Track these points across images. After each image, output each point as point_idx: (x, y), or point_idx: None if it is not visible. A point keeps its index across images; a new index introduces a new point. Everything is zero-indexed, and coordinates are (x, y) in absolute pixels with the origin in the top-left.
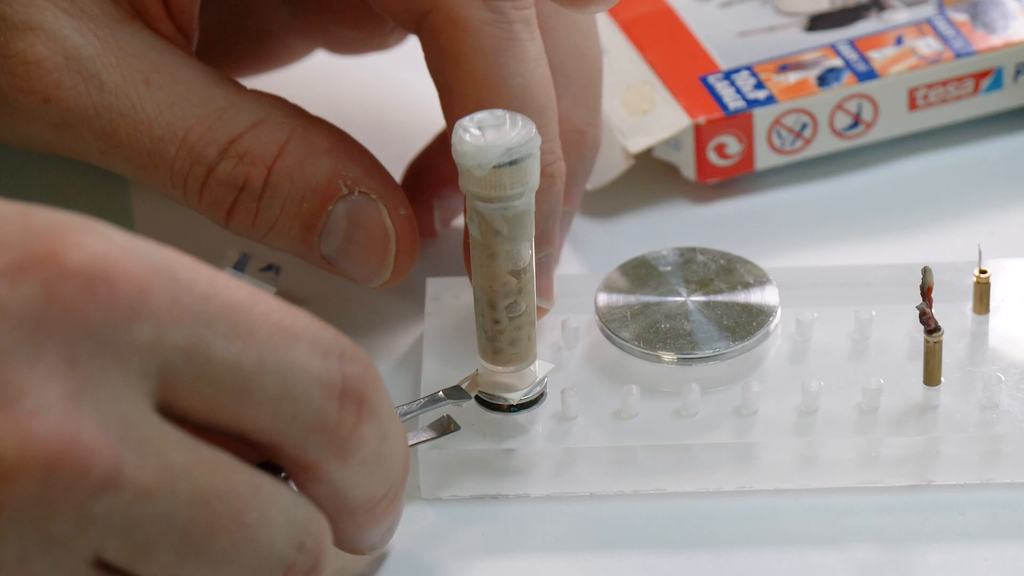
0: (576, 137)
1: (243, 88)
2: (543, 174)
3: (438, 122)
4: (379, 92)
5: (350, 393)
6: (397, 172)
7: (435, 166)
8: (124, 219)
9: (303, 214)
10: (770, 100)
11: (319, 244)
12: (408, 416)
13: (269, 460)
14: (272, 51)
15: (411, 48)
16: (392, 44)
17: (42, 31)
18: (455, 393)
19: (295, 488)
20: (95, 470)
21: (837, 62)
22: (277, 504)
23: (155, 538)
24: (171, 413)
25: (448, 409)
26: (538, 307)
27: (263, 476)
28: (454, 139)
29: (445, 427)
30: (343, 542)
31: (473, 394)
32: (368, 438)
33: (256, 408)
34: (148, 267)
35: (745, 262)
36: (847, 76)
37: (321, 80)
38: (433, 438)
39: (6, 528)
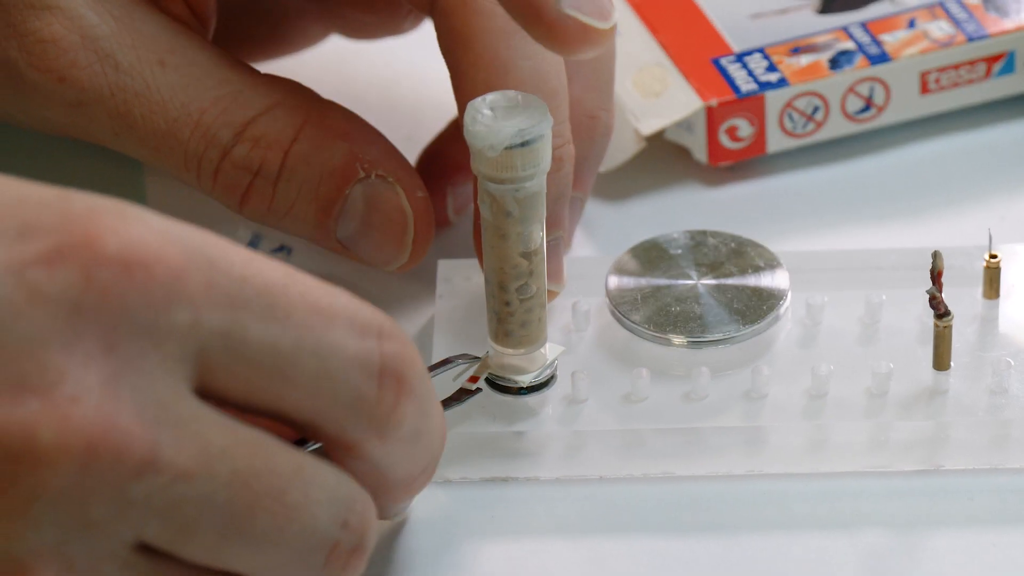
0: (587, 122)
1: (257, 72)
2: (553, 157)
3: (450, 108)
4: (392, 77)
5: (389, 371)
6: (410, 158)
7: (448, 153)
8: (137, 203)
9: (320, 198)
10: (782, 83)
11: (335, 228)
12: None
13: (308, 438)
14: (287, 36)
15: (424, 33)
16: (407, 29)
17: (59, 10)
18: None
19: (336, 465)
20: (132, 453)
21: (849, 45)
22: (319, 483)
23: (196, 519)
24: (210, 395)
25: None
26: (548, 290)
27: (304, 455)
28: (466, 120)
29: (467, 391)
30: (377, 513)
31: (483, 376)
32: (408, 416)
33: (294, 389)
34: (184, 251)
35: (756, 245)
36: (859, 59)
37: (334, 65)
38: (458, 403)
39: (45, 513)
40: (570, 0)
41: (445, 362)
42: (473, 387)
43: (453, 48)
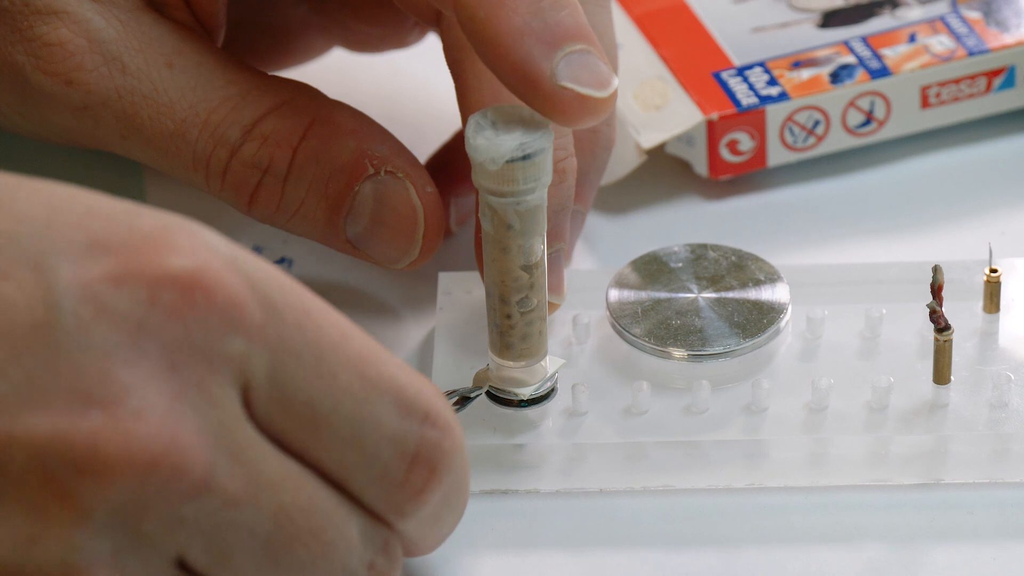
0: (589, 136)
1: (264, 73)
2: (555, 169)
3: (453, 120)
4: (395, 90)
5: (423, 459)
6: None
7: (452, 164)
8: None
9: (329, 196)
10: (783, 97)
11: (344, 227)
12: None
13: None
14: (291, 48)
15: (428, 47)
16: (411, 42)
17: (65, 14)
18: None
19: None
20: (191, 474)
21: (850, 59)
22: (355, 523)
23: (236, 546)
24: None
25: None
26: (549, 303)
27: (341, 496)
28: (468, 133)
29: (467, 397)
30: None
31: (485, 388)
32: (431, 503)
33: (323, 448)
34: (246, 283)
35: (756, 259)
36: (860, 73)
37: (337, 77)
38: (458, 409)
39: (103, 523)
40: (566, 72)
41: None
42: (473, 393)
43: (460, 60)
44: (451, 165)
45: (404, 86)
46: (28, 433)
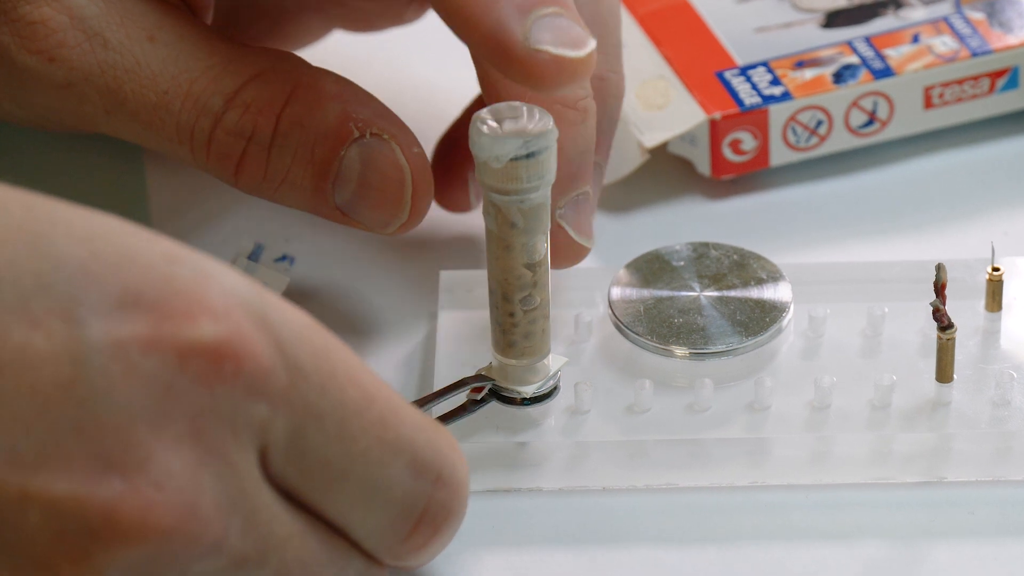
0: (597, 84)
1: (247, 44)
2: (575, 108)
3: (460, 97)
4: (398, 70)
5: (428, 518)
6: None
7: (466, 140)
8: (139, 208)
9: (315, 161)
10: (786, 96)
11: (333, 194)
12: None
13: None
14: (288, 31)
15: (428, 25)
16: (409, 19)
17: None
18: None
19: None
20: (205, 539)
21: (853, 59)
22: (352, 566)
23: None
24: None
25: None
26: (578, 247)
27: (340, 541)
28: (471, 131)
29: (473, 401)
30: None
31: (488, 387)
32: (428, 554)
33: (332, 504)
34: (275, 346)
35: (758, 258)
36: (863, 73)
37: (337, 61)
38: (464, 415)
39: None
40: (539, 35)
41: (460, 384)
42: (479, 396)
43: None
44: (466, 140)
45: (407, 66)
46: (46, 492)
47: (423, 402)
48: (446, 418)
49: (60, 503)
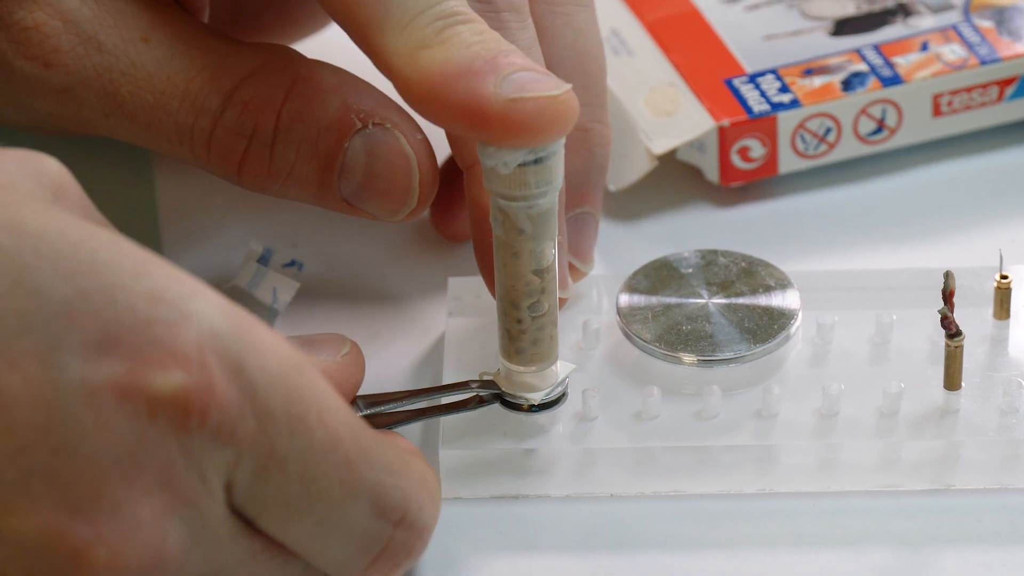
0: (581, 135)
1: (241, 41)
2: (577, 127)
3: None
4: None
5: (388, 557)
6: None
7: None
8: (147, 211)
9: (319, 155)
10: (795, 104)
11: (338, 186)
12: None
13: None
14: (297, 15)
15: None
16: None
17: None
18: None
19: None
20: (165, 569)
21: (862, 67)
22: None
23: None
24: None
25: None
26: (576, 270)
27: (298, 566)
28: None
29: (480, 399)
30: None
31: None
32: None
33: (289, 535)
34: (244, 394)
35: (767, 265)
36: (872, 81)
37: (338, 53)
38: (467, 409)
39: None
40: (511, 89)
41: (462, 384)
42: (486, 393)
43: None
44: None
45: None
46: (15, 532)
47: (415, 394)
48: (446, 409)
49: (29, 545)
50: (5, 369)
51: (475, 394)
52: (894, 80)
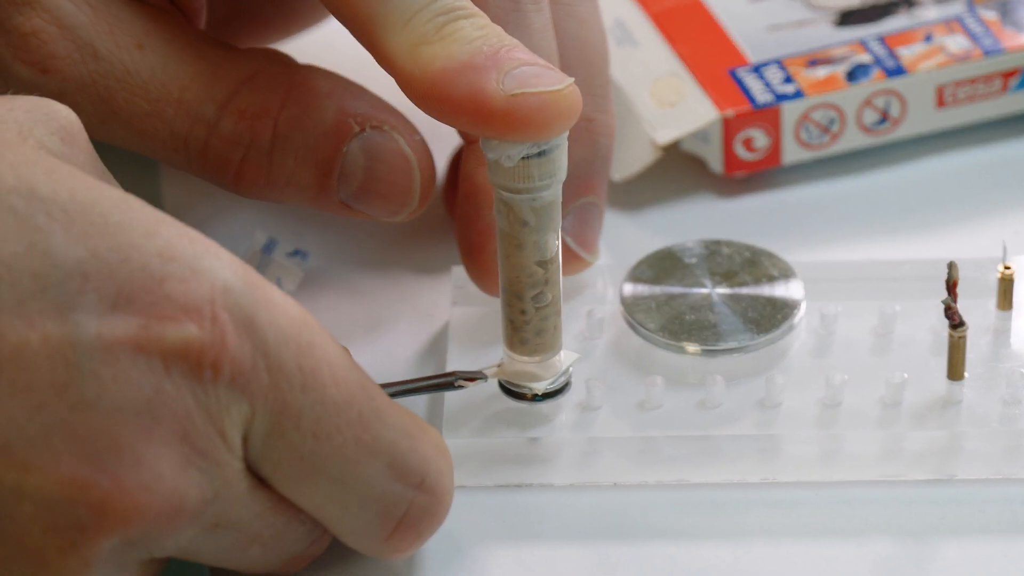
0: (585, 125)
1: (235, 47)
2: (580, 116)
3: None
4: None
5: (410, 522)
6: (433, 135)
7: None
8: (151, 202)
9: (318, 162)
10: (798, 94)
11: (337, 190)
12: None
13: None
14: (297, 10)
15: None
16: None
17: (38, 3)
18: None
19: None
20: (184, 520)
21: (866, 58)
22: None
23: (202, 552)
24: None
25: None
26: (580, 260)
27: (313, 527)
28: None
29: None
30: None
31: (491, 375)
32: (408, 554)
33: (305, 497)
34: (257, 348)
35: (770, 255)
36: (876, 72)
37: (333, 56)
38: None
39: (101, 563)
40: (513, 84)
41: (448, 375)
42: (479, 373)
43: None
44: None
45: None
46: (37, 488)
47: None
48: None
49: (51, 499)
50: (23, 328)
51: (444, 381)
52: (898, 71)
